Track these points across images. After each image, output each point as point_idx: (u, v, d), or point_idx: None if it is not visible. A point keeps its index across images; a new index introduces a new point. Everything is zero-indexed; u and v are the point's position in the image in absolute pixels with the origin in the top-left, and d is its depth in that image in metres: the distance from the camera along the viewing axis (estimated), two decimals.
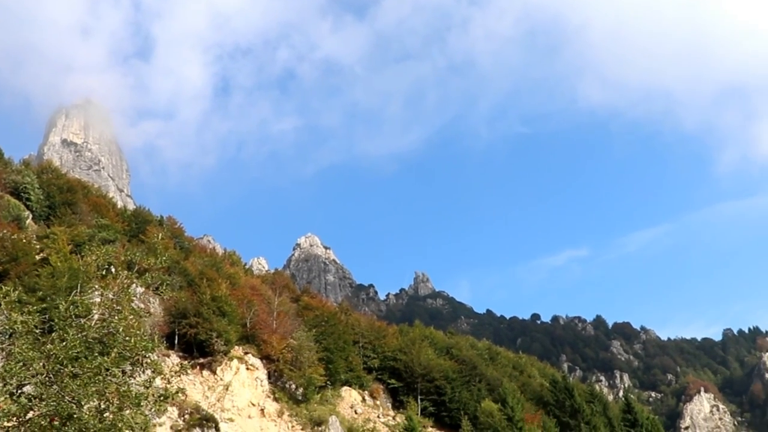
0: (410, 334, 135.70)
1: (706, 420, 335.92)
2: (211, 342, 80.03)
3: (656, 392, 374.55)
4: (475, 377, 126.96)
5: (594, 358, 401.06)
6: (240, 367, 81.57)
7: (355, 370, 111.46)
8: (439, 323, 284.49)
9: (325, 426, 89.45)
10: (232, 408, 76.36)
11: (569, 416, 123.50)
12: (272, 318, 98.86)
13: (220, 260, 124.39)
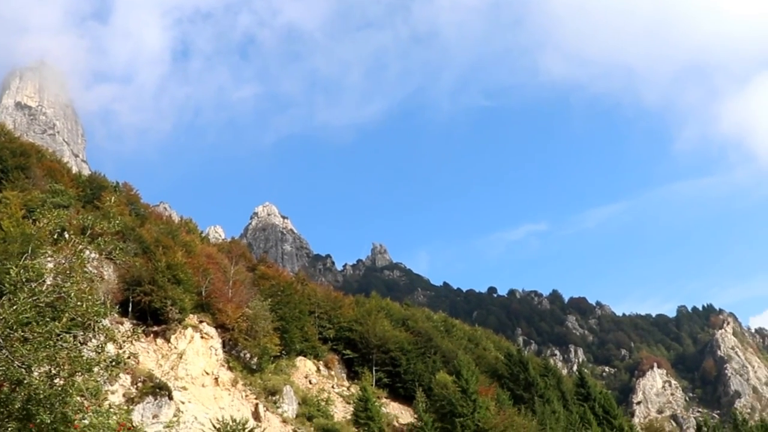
0: (366, 305, 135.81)
1: (658, 395, 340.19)
2: (165, 310, 79.47)
3: (610, 367, 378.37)
4: (430, 349, 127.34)
5: (549, 332, 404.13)
6: (194, 336, 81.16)
7: (310, 340, 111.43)
8: (396, 295, 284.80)
9: (280, 396, 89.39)
10: (185, 377, 76.02)
11: (523, 389, 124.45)
12: (228, 287, 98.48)
13: (176, 228, 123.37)
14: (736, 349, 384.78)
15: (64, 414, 20.47)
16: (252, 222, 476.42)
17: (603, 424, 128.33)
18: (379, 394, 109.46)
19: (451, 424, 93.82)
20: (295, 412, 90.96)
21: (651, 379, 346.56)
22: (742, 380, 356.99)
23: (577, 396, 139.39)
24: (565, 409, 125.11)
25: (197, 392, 75.43)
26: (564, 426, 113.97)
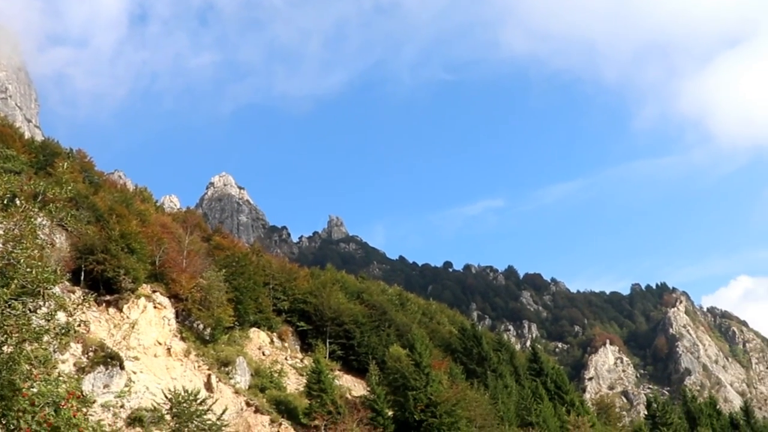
0: (321, 278, 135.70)
1: (609, 371, 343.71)
2: (118, 279, 78.73)
3: (563, 343, 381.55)
4: (384, 322, 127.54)
5: (504, 307, 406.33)
6: (147, 306, 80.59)
7: (264, 311, 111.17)
8: (352, 268, 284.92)
9: (232, 367, 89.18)
10: (137, 346, 75.52)
11: (476, 364, 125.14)
12: (182, 257, 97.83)
13: (131, 196, 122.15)
14: (688, 328, 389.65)
15: (12, 382, 20.17)
16: (208, 192, 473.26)
17: (554, 399, 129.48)
18: (333, 366, 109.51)
19: (404, 397, 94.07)
20: (247, 383, 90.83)
21: (603, 356, 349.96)
22: (692, 358, 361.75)
23: (529, 371, 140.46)
24: (517, 384, 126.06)
25: (149, 362, 74.98)
26: (516, 400, 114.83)
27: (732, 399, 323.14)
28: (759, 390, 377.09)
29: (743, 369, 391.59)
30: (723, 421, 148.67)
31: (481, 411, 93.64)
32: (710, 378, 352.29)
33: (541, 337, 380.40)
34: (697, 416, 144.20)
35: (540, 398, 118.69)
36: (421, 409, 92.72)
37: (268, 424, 79.59)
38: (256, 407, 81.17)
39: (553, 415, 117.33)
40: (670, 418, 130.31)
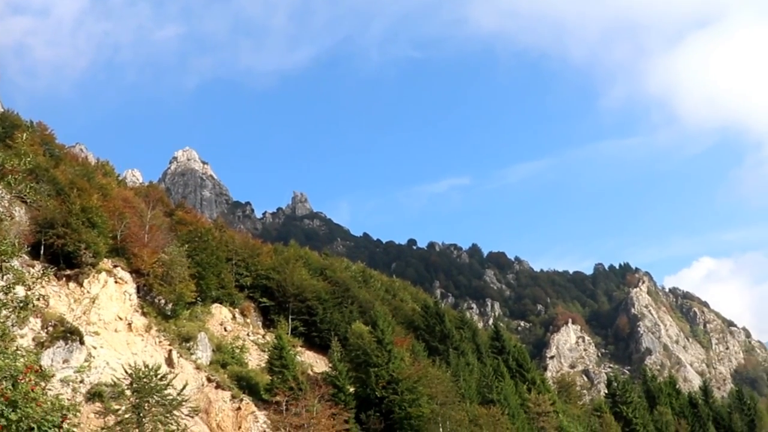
0: (285, 254, 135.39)
1: (571, 350, 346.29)
2: (79, 254, 77.97)
3: (525, 322, 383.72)
4: (347, 299, 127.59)
5: (467, 285, 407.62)
6: (108, 281, 79.96)
7: (226, 287, 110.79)
8: (315, 244, 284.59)
9: (194, 342, 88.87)
10: (98, 321, 74.99)
11: (439, 341, 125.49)
12: (144, 231, 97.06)
13: (93, 170, 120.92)
14: (650, 308, 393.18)
15: None
16: (171, 166, 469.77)
17: (516, 377, 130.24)
18: (295, 342, 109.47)
19: (366, 374, 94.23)
20: (209, 359, 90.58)
21: (565, 335, 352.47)
22: (653, 338, 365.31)
23: (491, 349, 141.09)
24: (479, 362, 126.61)
25: (110, 337, 74.51)
26: (477, 378, 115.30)
27: (691, 379, 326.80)
28: (718, 370, 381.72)
29: (703, 349, 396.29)
30: (682, 401, 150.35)
31: (443, 388, 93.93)
32: (670, 358, 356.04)
33: (503, 315, 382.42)
34: (656, 395, 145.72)
35: (501, 376, 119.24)
36: (383, 386, 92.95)
37: (229, 400, 79.44)
38: (218, 383, 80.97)
39: (515, 393, 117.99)
40: (630, 397, 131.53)
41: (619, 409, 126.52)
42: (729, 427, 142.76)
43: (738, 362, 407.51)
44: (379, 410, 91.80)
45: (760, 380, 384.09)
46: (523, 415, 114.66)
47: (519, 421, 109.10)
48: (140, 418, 52.01)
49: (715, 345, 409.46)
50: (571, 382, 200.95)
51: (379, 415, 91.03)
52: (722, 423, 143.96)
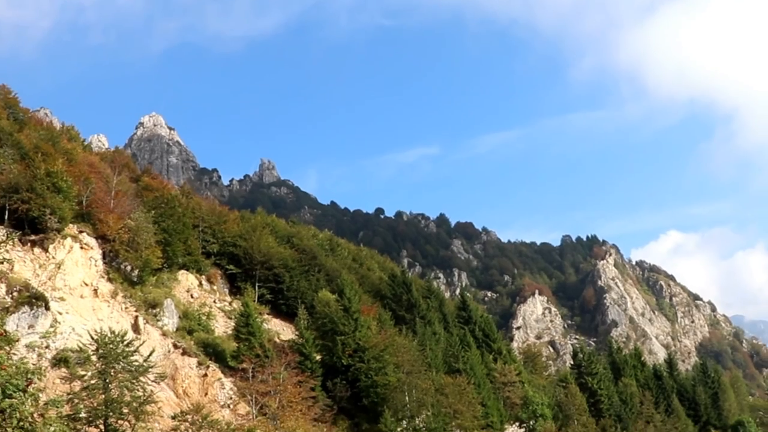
0: (252, 221, 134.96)
1: (537, 321, 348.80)
2: (44, 219, 77.13)
3: (492, 292, 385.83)
4: (314, 267, 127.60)
5: (434, 255, 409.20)
6: (74, 246, 79.29)
7: (193, 254, 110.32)
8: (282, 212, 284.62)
9: (160, 309, 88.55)
10: (63, 287, 74.46)
11: (405, 310, 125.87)
12: (110, 197, 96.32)
13: (58, 135, 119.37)
14: (616, 280, 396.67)
15: None
16: (137, 132, 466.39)
17: (482, 346, 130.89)
18: (261, 310, 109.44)
19: (332, 342, 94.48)
20: (175, 325, 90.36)
21: (532, 306, 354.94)
22: (619, 310, 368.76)
23: (458, 319, 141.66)
24: (445, 331, 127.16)
25: (75, 303, 74.04)
26: (444, 347, 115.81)
27: (657, 351, 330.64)
28: (683, 343, 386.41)
29: (669, 322, 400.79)
30: (647, 373, 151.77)
31: (409, 357, 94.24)
32: (636, 330, 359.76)
33: (470, 285, 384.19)
34: (621, 367, 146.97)
35: (468, 346, 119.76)
36: (349, 354, 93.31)
37: (195, 367, 79.33)
38: (184, 349, 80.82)
39: (481, 363, 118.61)
40: (596, 369, 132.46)
41: (585, 380, 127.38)
42: (693, 399, 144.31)
43: (703, 336, 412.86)
44: (346, 378, 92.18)
45: (725, 354, 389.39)
46: (488, 384, 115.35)
47: (485, 391, 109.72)
48: (106, 384, 51.77)
49: (681, 318, 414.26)
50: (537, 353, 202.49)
51: (345, 383, 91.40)
52: (686, 395, 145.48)
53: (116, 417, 52.18)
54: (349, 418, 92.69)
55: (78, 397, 51.13)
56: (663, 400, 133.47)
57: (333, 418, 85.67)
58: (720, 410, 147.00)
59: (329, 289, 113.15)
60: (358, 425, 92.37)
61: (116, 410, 51.66)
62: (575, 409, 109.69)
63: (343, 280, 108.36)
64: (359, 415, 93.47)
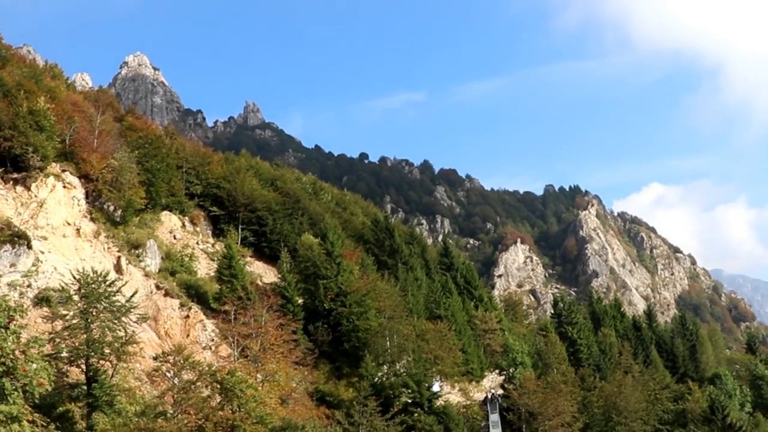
0: (236, 163, 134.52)
1: (519, 270, 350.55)
2: (26, 157, 76.45)
3: (475, 240, 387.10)
4: (297, 211, 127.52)
5: (417, 201, 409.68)
6: (56, 185, 78.77)
7: (176, 195, 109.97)
8: (267, 155, 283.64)
9: (143, 249, 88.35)
10: (46, 226, 74.07)
11: (388, 255, 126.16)
12: (93, 137, 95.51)
13: (41, 72, 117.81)
14: (598, 231, 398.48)
15: None
16: (122, 72, 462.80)
17: (463, 293, 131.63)
18: (244, 252, 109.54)
19: (315, 286, 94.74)
20: (158, 266, 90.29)
21: (513, 254, 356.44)
22: (600, 261, 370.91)
23: (440, 265, 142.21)
24: (427, 277, 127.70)
25: (58, 242, 73.78)
26: (425, 293, 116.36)
27: (636, 303, 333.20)
28: (662, 295, 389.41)
29: (649, 274, 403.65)
30: (626, 323, 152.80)
31: (391, 302, 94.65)
32: (616, 281, 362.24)
33: (453, 232, 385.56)
34: (601, 317, 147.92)
35: (449, 292, 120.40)
36: (332, 298, 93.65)
37: (177, 308, 79.39)
38: (166, 290, 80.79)
39: (462, 310, 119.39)
40: (576, 318, 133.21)
41: (564, 329, 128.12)
42: (671, 351, 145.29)
43: (682, 288, 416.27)
44: (327, 322, 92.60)
45: (703, 307, 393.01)
46: (469, 331, 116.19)
47: (465, 338, 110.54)
48: (88, 323, 51.67)
49: (661, 270, 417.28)
50: (517, 301, 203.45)
51: (327, 327, 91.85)
52: (664, 347, 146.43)
53: (98, 357, 52.21)
54: (330, 362, 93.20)
55: (59, 336, 51.10)
56: (641, 351, 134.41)
57: (314, 361, 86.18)
58: (697, 363, 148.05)
59: (312, 232, 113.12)
60: (339, 369, 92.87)
61: (98, 350, 51.66)
62: (555, 357, 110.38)
63: (327, 224, 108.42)
64: (340, 359, 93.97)
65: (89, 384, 52.32)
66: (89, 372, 52.45)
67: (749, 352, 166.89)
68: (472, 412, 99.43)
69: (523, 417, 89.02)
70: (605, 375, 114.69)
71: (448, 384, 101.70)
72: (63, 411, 51.53)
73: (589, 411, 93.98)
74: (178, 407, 51.38)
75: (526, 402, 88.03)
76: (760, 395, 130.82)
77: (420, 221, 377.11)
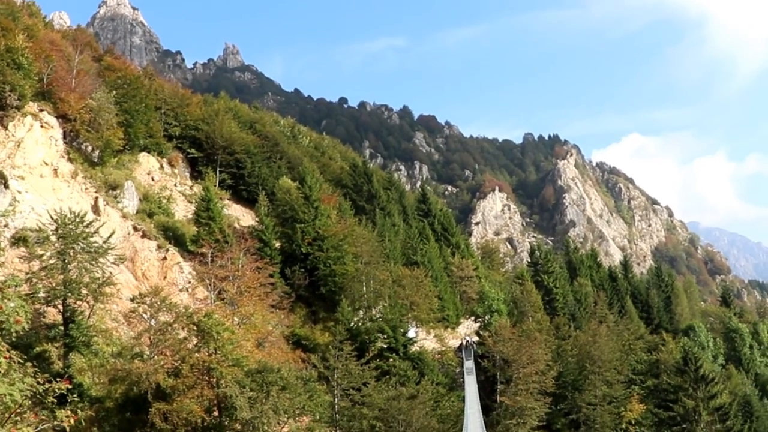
0: (214, 105, 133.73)
1: (496, 218, 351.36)
2: (3, 96, 75.72)
3: (453, 187, 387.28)
4: (276, 154, 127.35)
5: (396, 147, 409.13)
6: (34, 125, 78.18)
7: (155, 136, 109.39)
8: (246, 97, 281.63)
9: (120, 190, 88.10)
10: (23, 166, 73.67)
11: (366, 201, 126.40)
12: (71, 76, 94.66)
13: (18, 10, 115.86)
14: (576, 181, 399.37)
15: None
16: (100, 11, 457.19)
17: (441, 240, 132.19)
18: (222, 195, 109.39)
19: (292, 230, 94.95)
20: (135, 207, 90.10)
21: (491, 202, 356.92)
22: (578, 210, 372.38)
23: (418, 211, 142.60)
24: (405, 223, 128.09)
25: (35, 182, 73.47)
26: (402, 239, 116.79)
27: (613, 253, 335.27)
28: (639, 246, 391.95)
29: (626, 225, 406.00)
30: (602, 273, 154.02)
31: (368, 248, 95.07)
32: (593, 231, 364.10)
33: (431, 179, 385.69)
34: (577, 267, 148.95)
35: (426, 239, 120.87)
36: (309, 242, 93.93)
37: (155, 250, 79.45)
38: (144, 232, 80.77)
39: (439, 256, 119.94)
40: (552, 267, 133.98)
41: (541, 278, 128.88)
42: (646, 302, 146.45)
43: (659, 240, 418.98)
44: (304, 266, 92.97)
45: (679, 259, 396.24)
46: (446, 278, 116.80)
47: (442, 284, 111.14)
48: (65, 264, 51.70)
49: (638, 222, 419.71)
50: (494, 249, 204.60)
51: (303, 271, 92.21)
52: (640, 298, 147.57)
53: (75, 297, 52.34)
54: (307, 306, 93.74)
55: (36, 276, 51.14)
56: (617, 302, 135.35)
57: (291, 305, 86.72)
58: (672, 314, 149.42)
59: (290, 176, 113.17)
60: (315, 313, 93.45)
61: (75, 291, 51.76)
62: (530, 306, 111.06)
63: (305, 168, 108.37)
64: (317, 303, 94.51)
65: (66, 324, 52.52)
66: (66, 312, 52.62)
67: (724, 305, 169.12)
68: (446, 358, 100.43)
69: (498, 364, 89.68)
70: (580, 324, 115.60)
71: (424, 330, 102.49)
72: (40, 351, 51.79)
73: (564, 359, 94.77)
74: (155, 348, 51.75)
75: (500, 349, 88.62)
76: (733, 348, 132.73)
77: (398, 167, 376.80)
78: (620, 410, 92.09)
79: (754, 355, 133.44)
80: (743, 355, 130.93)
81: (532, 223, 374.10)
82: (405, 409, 64.89)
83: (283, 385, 51.03)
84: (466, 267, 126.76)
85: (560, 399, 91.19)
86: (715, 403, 78.65)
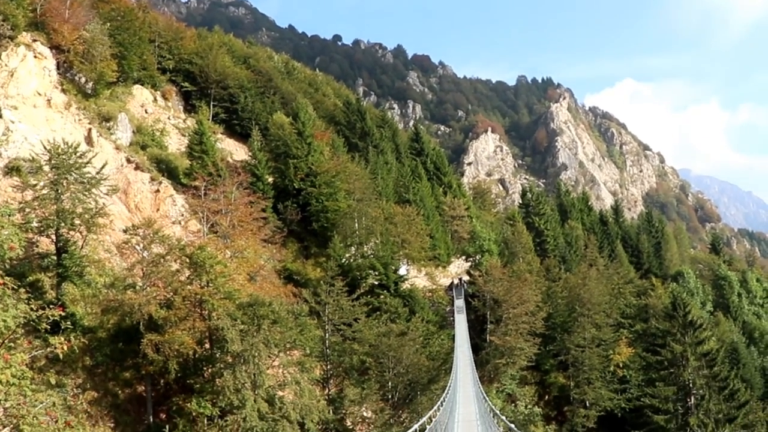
0: (209, 39, 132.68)
1: (489, 158, 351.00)
2: None
3: (446, 126, 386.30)
4: (269, 89, 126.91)
5: (390, 86, 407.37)
6: (27, 55, 77.68)
7: (148, 69, 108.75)
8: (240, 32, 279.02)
9: (114, 122, 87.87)
10: (16, 96, 73.35)
11: (359, 138, 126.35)
12: (65, 7, 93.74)
13: None
14: (569, 124, 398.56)
15: None
16: None
17: (433, 179, 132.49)
18: (215, 129, 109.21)
19: (285, 165, 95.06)
20: (129, 140, 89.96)
21: (484, 143, 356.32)
22: (570, 154, 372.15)
23: (410, 150, 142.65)
24: (397, 162, 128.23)
25: (28, 113, 73.23)
26: (395, 177, 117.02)
27: (604, 197, 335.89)
28: (630, 191, 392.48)
29: (618, 170, 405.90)
30: (593, 217, 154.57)
31: (360, 185, 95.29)
32: (585, 175, 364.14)
33: (424, 118, 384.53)
34: (569, 210, 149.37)
35: (419, 178, 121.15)
36: (301, 178, 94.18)
37: (148, 182, 79.47)
38: (137, 164, 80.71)
39: (430, 195, 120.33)
40: (543, 209, 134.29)
41: (532, 219, 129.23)
42: (636, 246, 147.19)
43: (650, 186, 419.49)
44: (297, 202, 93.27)
45: (670, 205, 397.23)
46: (437, 217, 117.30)
47: (433, 223, 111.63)
48: (58, 194, 51.72)
49: (630, 167, 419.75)
50: (486, 190, 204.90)
51: (296, 207, 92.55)
52: (630, 243, 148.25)
53: (67, 228, 52.45)
54: (299, 241, 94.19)
55: (29, 206, 51.19)
56: (607, 246, 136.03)
57: (283, 240, 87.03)
58: (662, 260, 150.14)
59: (284, 112, 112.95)
60: (307, 248, 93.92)
61: (67, 221, 51.85)
62: (521, 247, 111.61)
63: (298, 104, 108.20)
64: (309, 238, 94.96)
65: (59, 254, 52.73)
66: (59, 242, 52.80)
67: (713, 253, 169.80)
68: (437, 296, 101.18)
69: (488, 303, 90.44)
70: (570, 267, 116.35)
71: (415, 268, 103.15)
72: (33, 280, 52.00)
73: (553, 301, 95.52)
74: (147, 280, 52.03)
75: (491, 289, 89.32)
76: (721, 295, 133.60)
77: (392, 105, 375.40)
78: (608, 353, 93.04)
79: (742, 303, 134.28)
80: (731, 303, 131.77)
81: (524, 165, 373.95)
82: (395, 346, 65.51)
83: (274, 319, 51.41)
84: (458, 206, 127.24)
85: (549, 340, 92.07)
86: (702, 348, 79.25)
